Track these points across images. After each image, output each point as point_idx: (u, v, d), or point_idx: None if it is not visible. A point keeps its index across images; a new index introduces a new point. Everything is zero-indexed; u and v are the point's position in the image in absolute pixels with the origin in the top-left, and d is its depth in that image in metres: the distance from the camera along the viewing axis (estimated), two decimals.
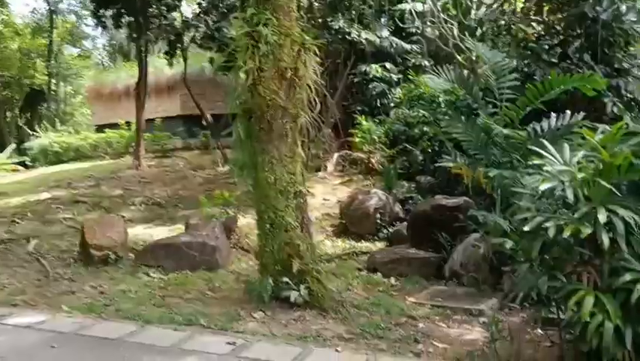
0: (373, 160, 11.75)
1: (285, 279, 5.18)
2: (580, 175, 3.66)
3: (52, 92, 35.22)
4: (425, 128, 9.98)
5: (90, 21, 36.72)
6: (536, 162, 4.07)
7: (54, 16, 32.99)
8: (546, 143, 4.15)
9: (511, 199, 5.95)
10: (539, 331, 4.52)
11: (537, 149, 4.11)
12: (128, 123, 18.98)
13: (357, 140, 11.86)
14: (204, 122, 17.98)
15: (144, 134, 16.75)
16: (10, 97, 36.22)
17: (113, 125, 20.65)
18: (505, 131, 5.55)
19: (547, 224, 3.60)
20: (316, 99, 5.40)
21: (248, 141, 5.34)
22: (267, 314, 5.05)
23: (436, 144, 9.36)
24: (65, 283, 6.35)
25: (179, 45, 14.07)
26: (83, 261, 7.19)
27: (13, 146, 24.21)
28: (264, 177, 5.24)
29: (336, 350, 4.16)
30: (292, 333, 4.58)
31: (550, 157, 4.03)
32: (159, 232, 8.83)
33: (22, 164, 23.35)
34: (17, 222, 9.69)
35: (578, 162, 3.93)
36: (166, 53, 14.28)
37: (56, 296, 5.79)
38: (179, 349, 4.20)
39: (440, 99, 10.59)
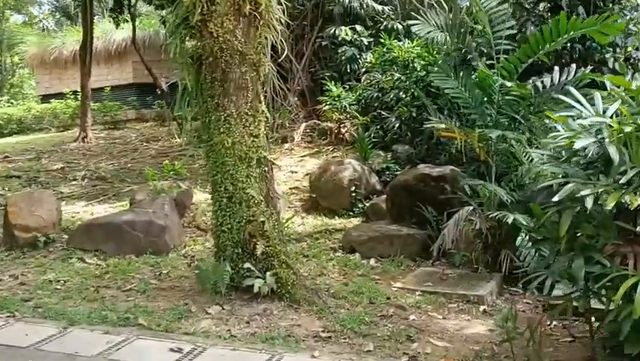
0: (343, 130, 10.85)
1: (247, 265, 4.24)
2: (627, 129, 2.83)
3: None
4: (401, 94, 9.09)
5: None
6: (563, 113, 3.23)
7: None
8: (574, 91, 3.30)
9: (513, 165, 5.22)
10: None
11: (565, 98, 3.27)
12: (74, 93, 17.33)
13: (326, 108, 10.89)
14: (159, 91, 16.60)
15: (93, 104, 15.29)
16: None
17: (59, 95, 18.95)
18: (509, 84, 4.69)
19: (584, 192, 2.78)
20: (284, 44, 4.38)
21: (198, 94, 4.30)
22: (224, 308, 4.11)
23: (413, 110, 8.49)
24: None
25: (126, 2, 12.57)
26: (6, 244, 6.05)
27: None
28: (219, 140, 4.23)
29: (313, 357, 3.26)
30: (256, 333, 3.67)
31: (581, 108, 3.20)
32: (102, 210, 7.71)
33: None
34: None
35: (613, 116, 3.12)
36: (111, 10, 12.78)
37: None
38: (107, 360, 3.22)
39: (416, 63, 9.82)
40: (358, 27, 12.40)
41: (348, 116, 10.79)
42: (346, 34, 12.15)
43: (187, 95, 4.33)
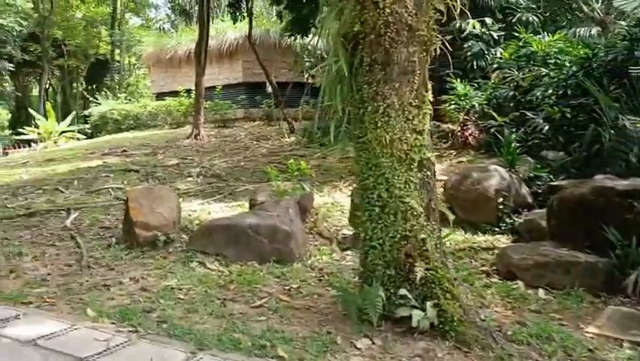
0: (467, 133, 9.76)
1: (403, 291, 3.44)
2: None
3: (117, 63, 34.96)
4: (549, 91, 7.87)
5: None
6: None
7: None
8: None
9: None
10: None
11: None
12: (188, 91, 17.75)
13: (451, 107, 9.87)
14: (269, 90, 16.45)
15: (204, 103, 15.43)
16: (75, 67, 36.35)
17: (173, 93, 19.57)
18: None
19: None
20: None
21: (351, 81, 3.56)
22: (374, 343, 3.34)
23: (566, 110, 7.24)
24: (100, 271, 4.90)
25: None
26: (126, 242, 5.76)
27: (74, 114, 23.77)
28: (375, 136, 3.47)
29: None
30: None
31: None
32: (219, 209, 7.34)
33: (83, 132, 22.88)
34: (61, 191, 8.49)
35: None
36: (229, 5, 12.66)
37: (85, 291, 4.34)
38: None
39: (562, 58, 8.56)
40: (488, 20, 11.25)
41: (475, 117, 9.71)
42: (474, 28, 11.07)
43: (337, 83, 3.60)
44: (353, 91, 3.57)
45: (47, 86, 34.78)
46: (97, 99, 22.65)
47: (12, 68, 30.94)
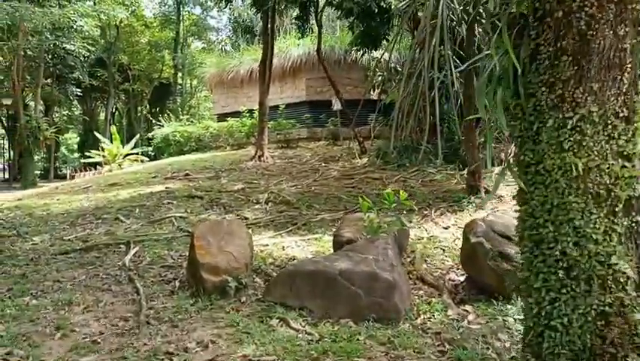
0: None
1: None
2: None
3: (179, 86, 35.46)
4: None
5: (215, 12, 36.58)
6: None
7: (181, 8, 32.94)
8: None
9: None
10: None
11: None
12: (250, 111, 17.15)
13: None
14: (335, 108, 15.51)
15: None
16: (139, 91, 37.23)
17: (234, 114, 19.07)
18: None
19: None
20: None
21: (517, 82, 2.44)
22: None
23: None
24: (162, 329, 3.97)
25: (312, 9, 11.55)
26: (191, 287, 4.85)
27: (137, 136, 23.86)
28: (557, 162, 2.33)
29: None
30: None
31: None
32: (294, 244, 6.34)
33: (146, 154, 22.86)
34: (121, 221, 7.79)
35: None
36: (297, 18, 11.86)
37: None
38: None
39: None
40: None
41: None
42: None
43: (494, 87, 2.49)
44: (520, 97, 2.44)
45: (113, 110, 35.71)
46: (160, 122, 22.59)
47: (80, 93, 31.98)
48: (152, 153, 21.87)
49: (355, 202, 8.23)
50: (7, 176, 31.74)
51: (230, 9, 23.91)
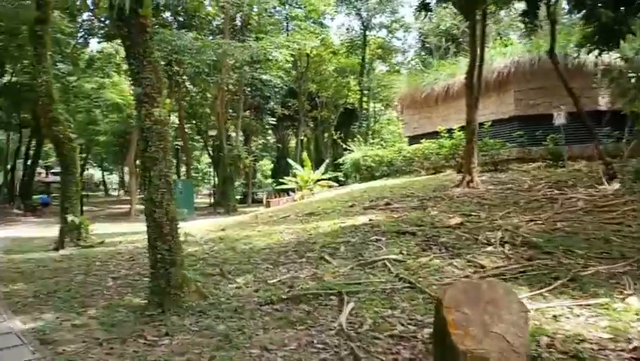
0: None
1: None
2: None
3: (364, 110, 35.35)
4: None
5: (400, 33, 35.84)
6: None
7: (367, 33, 32.87)
8: None
9: None
10: None
11: None
12: (449, 131, 15.40)
13: None
14: (557, 123, 12.88)
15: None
16: (327, 117, 38.14)
17: (426, 136, 17.51)
18: None
19: None
20: None
21: None
22: None
23: None
24: None
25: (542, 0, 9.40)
26: None
27: (327, 162, 23.80)
28: None
29: None
30: None
31: None
32: (568, 312, 4.39)
33: (336, 180, 22.55)
34: (326, 261, 6.68)
35: None
36: (523, 14, 9.81)
37: None
38: None
39: None
40: None
41: None
42: None
43: None
44: None
45: (302, 137, 37.08)
46: (348, 147, 22.12)
47: (274, 122, 33.77)
48: (343, 179, 21.41)
49: (632, 246, 5.92)
50: (212, 201, 34.74)
51: (420, 27, 22.63)
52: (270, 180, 41.18)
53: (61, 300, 6.01)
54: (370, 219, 8.81)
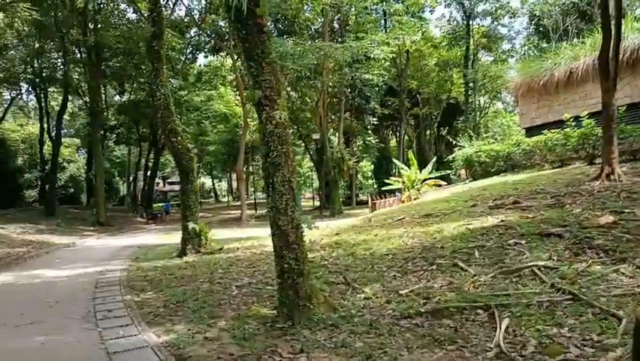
0: None
1: None
2: None
3: (470, 104, 33.63)
4: None
5: (506, 20, 33.64)
6: None
7: (470, 22, 31.23)
8: None
9: None
10: None
11: None
12: (576, 119, 13.88)
13: None
14: None
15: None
16: (429, 113, 36.86)
17: (546, 126, 15.98)
18: None
19: None
20: None
21: None
22: None
23: None
24: None
25: None
26: None
27: (434, 160, 22.76)
28: None
29: None
30: None
31: None
32: None
33: (443, 178, 21.47)
34: (461, 269, 6.03)
35: None
36: None
37: None
38: None
39: None
40: None
41: None
42: None
43: None
44: None
45: (404, 135, 36.15)
46: (457, 143, 20.94)
47: (376, 122, 33.24)
48: (454, 177, 20.31)
49: None
50: (316, 204, 35.00)
51: (532, 10, 20.87)
52: (371, 182, 40.68)
53: (190, 310, 5.98)
54: (502, 221, 7.97)
